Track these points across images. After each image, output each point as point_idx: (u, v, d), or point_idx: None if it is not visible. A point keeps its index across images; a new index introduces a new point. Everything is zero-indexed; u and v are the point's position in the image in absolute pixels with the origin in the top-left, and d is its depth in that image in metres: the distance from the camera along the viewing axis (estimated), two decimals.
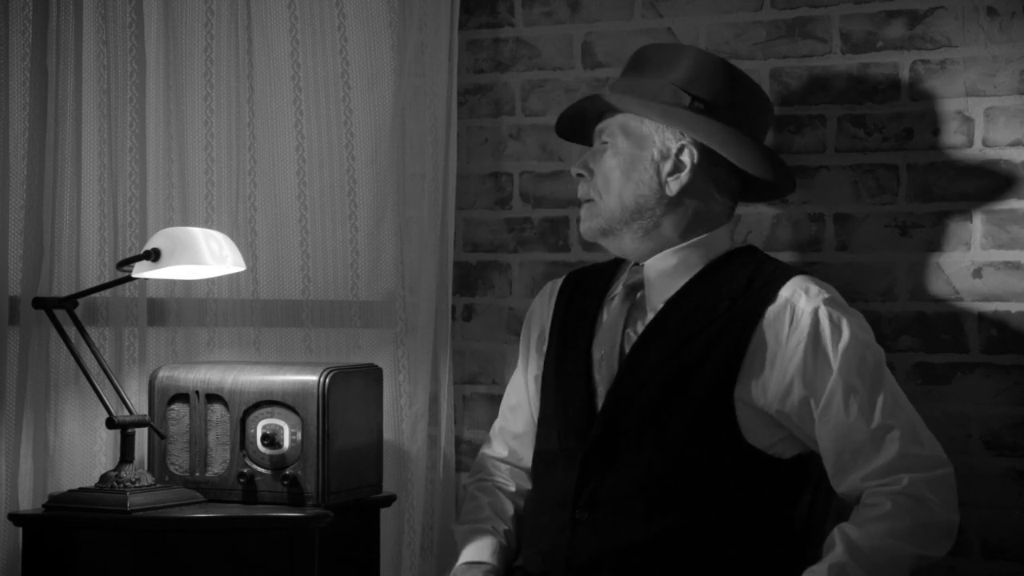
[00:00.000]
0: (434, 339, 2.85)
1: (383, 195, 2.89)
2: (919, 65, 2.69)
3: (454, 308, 3.00)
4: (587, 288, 2.58)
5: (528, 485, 2.61)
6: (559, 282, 2.64)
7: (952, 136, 2.66)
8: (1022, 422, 2.62)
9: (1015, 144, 2.62)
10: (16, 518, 2.57)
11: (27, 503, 2.84)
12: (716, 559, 2.33)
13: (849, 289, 2.68)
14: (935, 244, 2.67)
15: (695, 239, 2.46)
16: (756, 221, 2.78)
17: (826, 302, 2.36)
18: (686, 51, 2.51)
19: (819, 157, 2.75)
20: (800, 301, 2.36)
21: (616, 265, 2.58)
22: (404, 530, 2.84)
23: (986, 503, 2.62)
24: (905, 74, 2.69)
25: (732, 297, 2.39)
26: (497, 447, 2.66)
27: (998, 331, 2.63)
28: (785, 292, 2.38)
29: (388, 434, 2.73)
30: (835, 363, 2.32)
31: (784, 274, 2.41)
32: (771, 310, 2.37)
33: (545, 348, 2.59)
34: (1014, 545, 2.61)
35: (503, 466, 2.64)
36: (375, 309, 2.89)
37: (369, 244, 2.88)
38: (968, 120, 2.65)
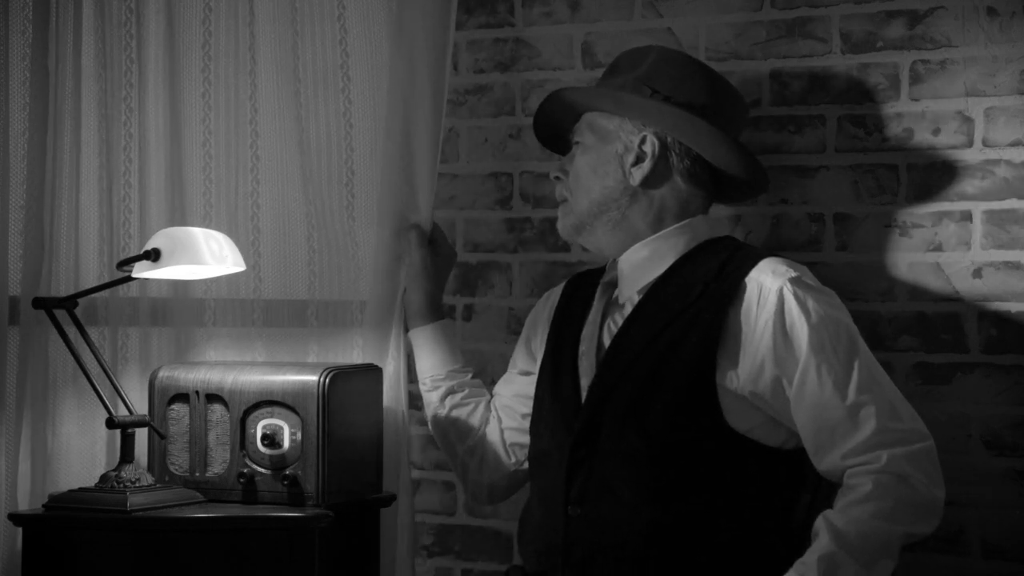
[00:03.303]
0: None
1: (384, 192, 2.86)
2: (919, 65, 2.69)
3: (454, 308, 3.00)
4: (581, 290, 2.63)
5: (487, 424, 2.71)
6: (559, 287, 2.68)
7: (952, 136, 2.66)
8: (1022, 422, 2.62)
9: (1015, 144, 2.62)
10: (16, 518, 2.57)
11: (27, 503, 2.83)
12: (708, 547, 2.35)
13: (849, 289, 2.68)
14: (935, 244, 2.67)
15: (666, 230, 2.49)
16: (756, 221, 2.78)
17: (792, 281, 2.37)
18: (652, 50, 2.57)
19: (819, 157, 2.75)
20: (767, 281, 2.38)
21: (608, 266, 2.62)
22: (404, 530, 2.84)
23: (986, 503, 2.63)
24: (905, 74, 2.70)
25: (705, 282, 2.42)
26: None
27: (998, 331, 2.63)
28: (754, 273, 2.40)
29: (388, 434, 2.73)
30: (804, 341, 2.33)
31: (755, 257, 2.43)
32: (741, 292, 2.39)
33: (539, 351, 2.64)
34: (1014, 545, 2.62)
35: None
36: (375, 308, 2.88)
37: (370, 241, 2.87)
38: (968, 120, 2.65)
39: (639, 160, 2.50)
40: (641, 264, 2.50)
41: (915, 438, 2.30)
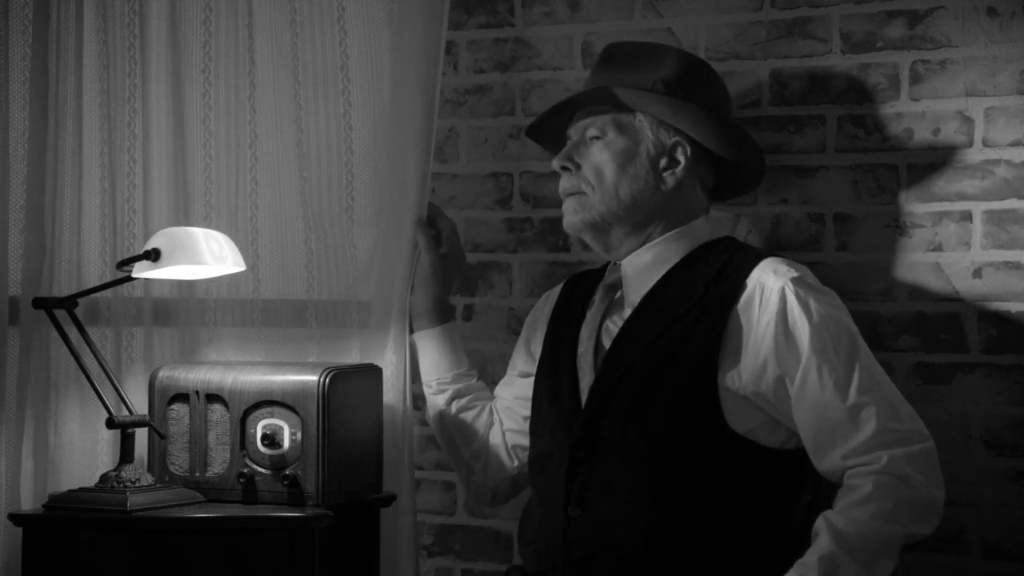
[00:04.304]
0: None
1: (380, 195, 2.86)
2: (919, 65, 2.69)
3: (454, 308, 3.00)
4: (579, 291, 2.62)
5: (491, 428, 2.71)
6: (557, 288, 2.67)
7: (952, 136, 2.66)
8: (1022, 422, 2.62)
9: (1015, 144, 2.62)
10: (16, 518, 2.57)
11: (27, 503, 2.83)
12: (708, 547, 2.35)
13: (849, 289, 2.68)
14: (935, 244, 2.67)
15: (669, 233, 2.49)
16: (756, 221, 2.78)
17: (793, 281, 2.37)
18: (667, 49, 2.56)
19: (819, 157, 2.75)
20: (769, 281, 2.38)
21: (607, 268, 2.61)
22: (404, 530, 2.83)
23: (986, 503, 2.63)
24: (905, 74, 2.70)
25: (706, 284, 2.42)
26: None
27: (998, 331, 2.63)
28: (755, 273, 2.40)
29: (388, 434, 2.73)
30: (806, 341, 2.33)
31: (756, 257, 2.44)
32: (742, 292, 2.39)
33: (538, 352, 2.63)
34: (1014, 545, 2.62)
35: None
36: (374, 308, 2.88)
37: (368, 243, 2.87)
38: (968, 120, 2.65)
39: (672, 165, 2.49)
40: (646, 268, 2.49)
41: (915, 439, 2.31)
